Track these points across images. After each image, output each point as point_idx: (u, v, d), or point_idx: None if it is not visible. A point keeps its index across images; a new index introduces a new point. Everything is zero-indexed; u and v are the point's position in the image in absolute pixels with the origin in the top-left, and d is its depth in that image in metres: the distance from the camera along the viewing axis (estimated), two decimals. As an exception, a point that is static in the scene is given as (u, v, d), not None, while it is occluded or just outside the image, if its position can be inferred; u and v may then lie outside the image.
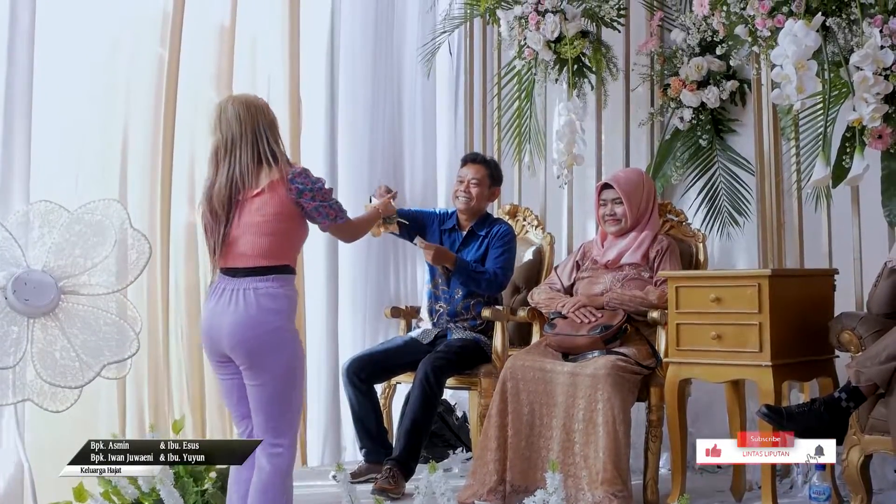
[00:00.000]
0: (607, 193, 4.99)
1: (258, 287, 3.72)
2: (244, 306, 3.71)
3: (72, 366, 4.39)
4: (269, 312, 3.70)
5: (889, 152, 4.64)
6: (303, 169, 3.79)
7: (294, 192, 3.72)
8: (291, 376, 3.74)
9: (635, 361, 4.56)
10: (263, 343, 3.70)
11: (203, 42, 5.77)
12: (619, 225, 4.95)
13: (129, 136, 5.50)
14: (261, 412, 3.74)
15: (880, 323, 4.17)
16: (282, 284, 3.74)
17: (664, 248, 4.88)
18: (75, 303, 4.48)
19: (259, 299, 3.71)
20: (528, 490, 4.22)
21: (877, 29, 4.38)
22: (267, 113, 3.83)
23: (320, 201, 3.76)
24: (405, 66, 6.65)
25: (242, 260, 3.75)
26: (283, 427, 3.73)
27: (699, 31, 5.78)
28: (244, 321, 3.70)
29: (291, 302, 3.77)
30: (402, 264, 6.51)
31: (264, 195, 3.73)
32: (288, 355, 3.72)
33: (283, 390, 3.73)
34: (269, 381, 3.73)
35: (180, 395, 5.53)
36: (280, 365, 3.71)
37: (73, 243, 4.50)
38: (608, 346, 4.64)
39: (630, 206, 4.92)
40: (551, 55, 5.68)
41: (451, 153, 6.84)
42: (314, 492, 4.98)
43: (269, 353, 3.70)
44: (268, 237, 3.73)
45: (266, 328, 3.70)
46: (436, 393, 5.05)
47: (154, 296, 5.46)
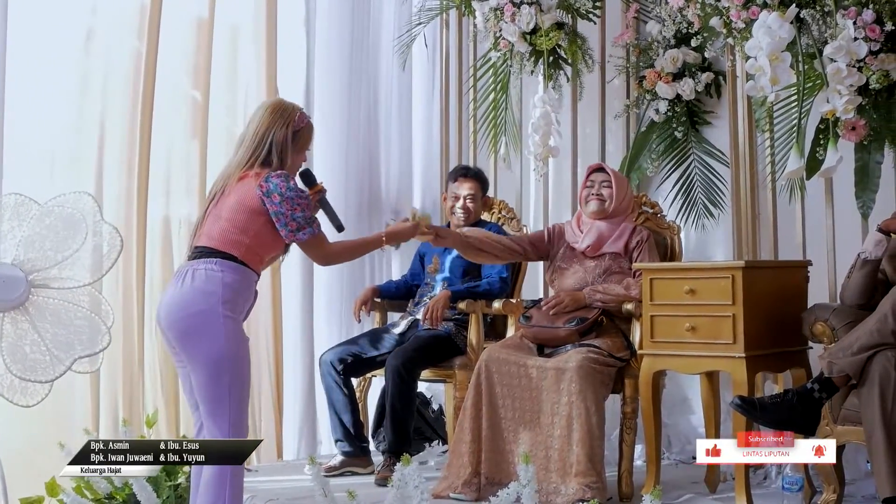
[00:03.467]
0: (597, 176, 4.99)
1: (198, 268, 3.69)
2: (180, 286, 3.69)
3: (42, 360, 4.37)
4: (198, 293, 3.65)
5: (862, 144, 4.64)
6: (285, 174, 3.74)
7: (263, 189, 3.69)
8: (218, 365, 3.62)
9: (608, 354, 4.56)
10: (189, 326, 3.64)
11: (181, 34, 5.75)
12: (602, 206, 4.93)
13: (105, 129, 5.47)
14: (198, 399, 3.70)
15: (853, 314, 4.18)
16: (222, 269, 3.67)
17: (643, 239, 4.88)
18: (46, 296, 4.46)
19: (195, 280, 3.66)
20: (503, 483, 4.21)
21: (850, 21, 4.39)
22: (290, 124, 3.81)
23: (285, 209, 3.69)
24: (381, 58, 6.63)
25: (201, 241, 3.76)
26: (219, 417, 3.64)
27: (674, 23, 5.78)
28: (177, 301, 3.68)
29: (229, 289, 3.66)
30: (377, 257, 6.50)
31: (238, 184, 3.74)
32: (214, 343, 3.62)
33: (212, 379, 3.63)
34: (198, 367, 3.66)
35: (154, 389, 5.51)
36: (204, 352, 3.63)
37: (43, 236, 4.48)
38: (584, 337, 4.64)
39: (618, 191, 4.92)
40: (527, 47, 5.67)
41: (427, 145, 6.83)
42: (289, 486, 4.97)
43: (193, 338, 3.64)
44: (224, 222, 3.72)
45: (193, 309, 3.64)
46: (409, 385, 5.05)
47: (129, 290, 5.43)
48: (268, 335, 5.92)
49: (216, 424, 3.64)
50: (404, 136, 6.77)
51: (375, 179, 6.58)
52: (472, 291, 5.21)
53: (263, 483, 5.06)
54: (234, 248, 3.70)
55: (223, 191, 3.79)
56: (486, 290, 5.21)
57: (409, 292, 5.60)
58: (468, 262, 5.26)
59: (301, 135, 3.85)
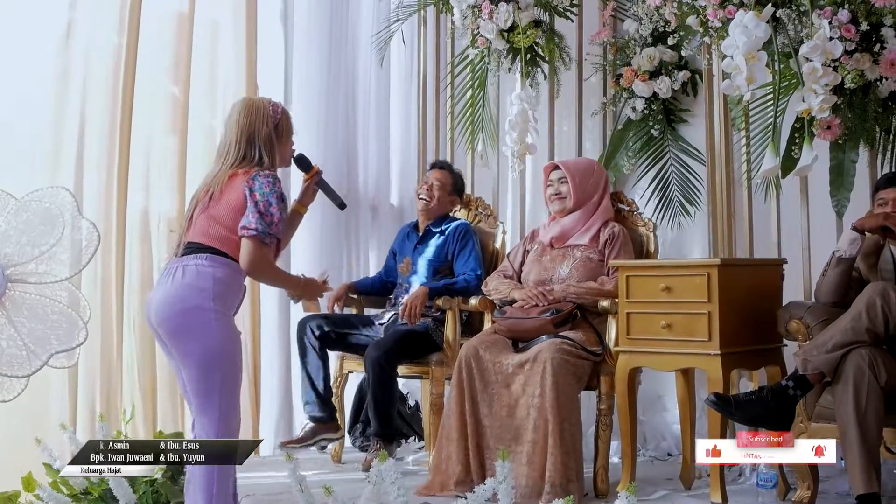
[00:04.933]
0: (555, 174, 5.04)
1: (188, 264, 3.68)
2: (171, 282, 3.68)
3: (19, 355, 4.34)
4: (189, 289, 3.64)
5: (837, 143, 4.68)
6: (275, 176, 3.73)
7: (248, 185, 3.69)
8: (210, 362, 3.62)
9: (582, 347, 4.57)
10: (181, 322, 3.63)
11: (161, 29, 5.72)
12: (563, 203, 4.97)
13: (85, 124, 5.44)
14: (188, 393, 3.70)
15: (828, 312, 4.21)
16: (213, 264, 3.66)
17: (616, 234, 4.89)
18: (22, 291, 4.43)
19: (186, 276, 3.66)
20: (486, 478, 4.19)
21: (826, 20, 4.43)
22: (268, 121, 3.81)
23: (258, 208, 3.66)
24: (360, 54, 6.64)
25: (191, 237, 3.74)
26: (208, 413, 3.63)
27: (651, 22, 5.81)
28: (168, 297, 3.67)
29: (220, 284, 3.66)
30: (353, 254, 6.51)
31: (229, 183, 3.74)
32: (205, 339, 3.61)
33: (202, 375, 3.62)
34: (189, 364, 3.65)
35: (132, 385, 5.49)
36: (195, 349, 3.62)
37: (20, 231, 4.45)
38: (558, 329, 4.65)
39: (574, 185, 4.95)
40: (504, 44, 5.68)
41: (405, 141, 6.84)
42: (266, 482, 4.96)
43: (185, 334, 3.63)
44: (214, 219, 3.72)
45: (184, 306, 3.63)
46: (390, 374, 5.09)
47: (108, 285, 5.41)
48: (245, 331, 5.91)
49: (206, 421, 3.64)
50: (382, 132, 6.78)
51: (353, 175, 6.58)
52: (449, 288, 5.23)
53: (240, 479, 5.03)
54: (224, 244, 3.70)
55: (219, 192, 3.76)
56: (464, 287, 5.23)
57: (384, 288, 5.62)
58: (439, 261, 5.32)
59: (281, 125, 3.85)
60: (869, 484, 3.80)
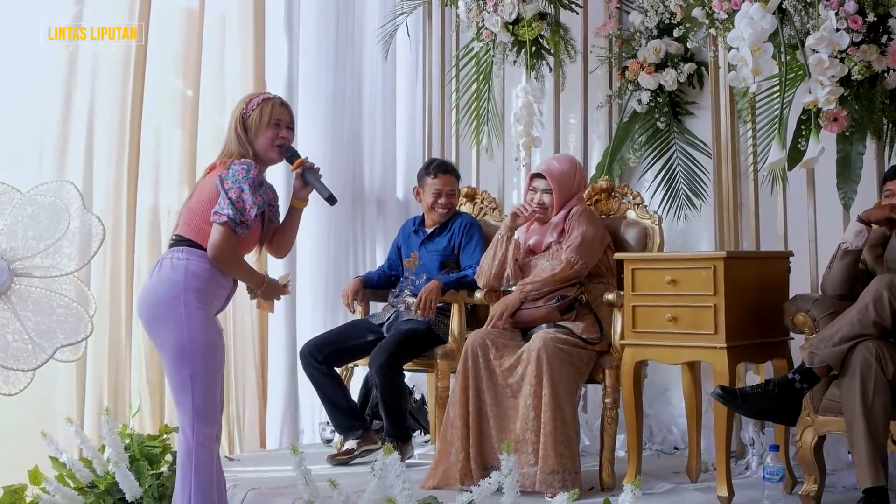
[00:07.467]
0: (539, 182, 4.94)
1: (167, 257, 3.73)
2: (151, 276, 3.74)
3: (24, 348, 4.35)
4: (164, 282, 3.68)
5: (844, 135, 4.66)
6: (250, 163, 3.74)
7: (221, 175, 3.71)
8: (180, 355, 3.63)
9: (577, 336, 4.57)
10: (154, 315, 3.67)
11: (170, 24, 5.73)
12: (544, 214, 4.92)
13: (94, 119, 5.45)
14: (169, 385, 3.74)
15: (834, 305, 4.20)
16: (188, 257, 3.69)
17: (572, 213, 4.84)
18: (28, 285, 4.44)
19: (162, 270, 3.70)
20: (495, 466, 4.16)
21: (832, 12, 4.40)
22: (240, 113, 3.86)
23: (229, 196, 3.66)
24: (365, 48, 6.64)
25: (177, 230, 3.81)
26: (182, 405, 3.66)
27: (657, 14, 5.78)
28: (145, 291, 3.75)
29: (194, 277, 3.67)
30: (360, 247, 6.51)
31: (208, 175, 3.82)
32: (176, 332, 3.63)
33: (174, 368, 3.65)
34: (163, 355, 3.70)
35: (140, 379, 5.50)
36: (166, 340, 3.65)
37: (25, 225, 4.46)
38: (564, 316, 4.65)
39: (559, 197, 4.89)
40: (509, 37, 5.67)
41: (410, 134, 6.84)
42: (272, 475, 4.97)
43: (157, 326, 3.67)
44: (193, 211, 3.77)
45: (158, 298, 3.67)
46: (396, 377, 5.08)
47: (117, 279, 5.43)
48: (253, 325, 5.92)
49: (181, 412, 3.67)
50: (388, 126, 6.78)
51: (359, 168, 6.59)
52: (461, 282, 5.21)
53: (246, 472, 5.06)
54: (201, 235, 3.72)
55: (198, 184, 3.85)
56: (472, 280, 5.21)
57: (389, 282, 5.62)
58: (446, 255, 5.30)
59: (253, 117, 3.85)
60: (876, 477, 3.79)
